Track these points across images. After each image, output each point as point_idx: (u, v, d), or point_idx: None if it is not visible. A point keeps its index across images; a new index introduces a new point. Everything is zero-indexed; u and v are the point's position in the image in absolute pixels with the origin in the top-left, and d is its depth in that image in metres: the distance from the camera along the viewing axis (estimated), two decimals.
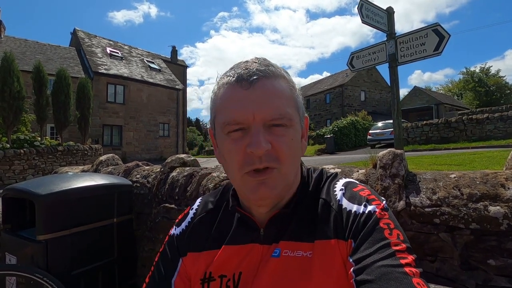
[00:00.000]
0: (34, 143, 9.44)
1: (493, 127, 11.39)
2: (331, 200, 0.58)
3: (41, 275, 1.43)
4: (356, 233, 0.51)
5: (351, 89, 27.97)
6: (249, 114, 0.52)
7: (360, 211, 0.53)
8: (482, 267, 1.02)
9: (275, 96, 0.53)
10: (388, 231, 0.49)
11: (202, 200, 0.73)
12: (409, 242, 0.49)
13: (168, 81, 20.89)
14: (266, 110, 0.52)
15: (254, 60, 0.57)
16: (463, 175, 1.18)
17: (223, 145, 0.56)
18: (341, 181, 0.62)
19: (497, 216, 1.01)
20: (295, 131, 0.55)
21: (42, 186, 1.70)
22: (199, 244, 0.64)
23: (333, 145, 14.48)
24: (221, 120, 0.55)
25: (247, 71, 0.53)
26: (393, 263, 0.45)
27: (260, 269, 0.56)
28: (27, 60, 15.20)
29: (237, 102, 0.53)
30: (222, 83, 0.56)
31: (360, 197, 0.56)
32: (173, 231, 0.70)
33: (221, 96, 0.55)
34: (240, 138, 0.53)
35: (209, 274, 0.60)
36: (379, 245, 0.48)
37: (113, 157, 2.97)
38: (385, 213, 0.53)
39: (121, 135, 17.94)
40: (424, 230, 1.12)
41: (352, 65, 3.91)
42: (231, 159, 0.54)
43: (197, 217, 0.68)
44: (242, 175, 0.54)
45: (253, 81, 0.52)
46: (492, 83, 35.57)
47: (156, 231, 2.00)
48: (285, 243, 0.56)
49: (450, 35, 3.05)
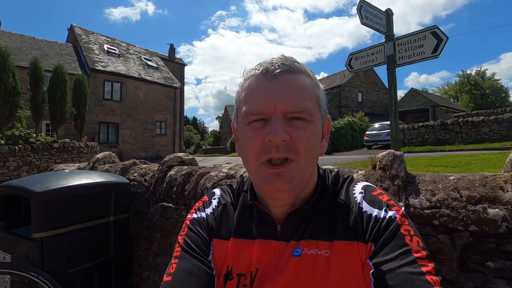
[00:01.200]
0: (29, 140, 9.35)
1: (488, 130, 11.50)
2: (350, 202, 0.59)
3: (36, 274, 1.41)
4: (376, 237, 0.52)
5: (348, 90, 28.08)
6: (271, 104, 0.53)
7: (381, 216, 0.54)
8: (481, 269, 1.02)
9: (297, 89, 0.54)
10: (409, 238, 0.50)
11: (222, 192, 0.72)
12: (427, 249, 0.50)
13: (165, 79, 20.79)
14: (287, 102, 0.53)
15: (280, 56, 0.59)
16: (462, 177, 1.18)
17: (243, 135, 0.57)
18: (359, 184, 0.63)
19: (496, 219, 1.01)
20: (315, 127, 0.56)
21: (38, 183, 1.68)
22: (223, 233, 0.64)
23: (330, 146, 14.52)
24: (243, 110, 0.56)
25: (271, 64, 0.55)
26: (415, 270, 0.45)
27: (279, 268, 0.56)
28: (23, 56, 15.04)
29: (260, 93, 0.54)
30: (248, 76, 0.58)
31: (380, 201, 0.56)
32: (198, 215, 0.68)
33: (246, 88, 0.57)
34: (260, 127, 0.54)
35: (230, 269, 0.59)
36: (400, 251, 0.48)
37: (110, 155, 2.94)
38: (405, 220, 0.53)
39: (118, 133, 17.84)
40: (423, 232, 1.12)
41: (351, 66, 3.93)
42: (249, 148, 0.55)
43: (220, 206, 0.68)
44: (258, 165, 0.54)
45: (277, 74, 0.54)
46: (488, 86, 35.98)
47: (153, 230, 1.99)
48: (305, 242, 0.56)
49: (448, 37, 3.07)
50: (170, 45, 25.88)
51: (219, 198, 0.70)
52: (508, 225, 1.00)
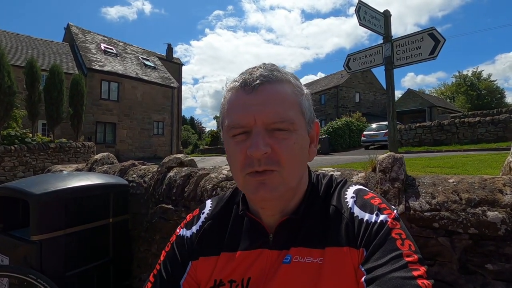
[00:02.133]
0: (25, 140, 9.27)
1: (484, 131, 11.59)
2: (342, 207, 0.58)
3: (35, 276, 1.40)
4: (368, 242, 0.51)
5: (346, 91, 28.18)
6: (251, 117, 0.53)
7: (372, 220, 0.53)
8: (480, 272, 1.03)
9: (277, 100, 0.54)
10: (400, 242, 0.50)
11: (213, 204, 0.72)
12: (420, 252, 0.49)
13: (163, 79, 20.73)
14: (266, 114, 0.53)
15: (260, 65, 0.58)
16: (462, 180, 1.19)
17: (228, 147, 0.58)
18: (351, 188, 0.62)
19: (495, 221, 1.02)
20: (298, 135, 0.55)
21: (36, 185, 1.67)
22: (211, 249, 0.64)
23: (327, 146, 14.56)
24: (226, 123, 0.57)
25: (250, 76, 0.55)
26: (406, 275, 0.45)
27: (270, 275, 0.56)
28: (19, 55, 14.92)
29: (240, 106, 0.55)
30: (229, 88, 0.59)
31: (372, 205, 0.56)
32: (183, 232, 0.69)
33: (228, 101, 0.58)
34: (243, 140, 0.55)
35: (219, 281, 0.60)
36: (391, 256, 0.48)
37: (108, 156, 2.93)
38: (397, 223, 0.53)
39: (115, 133, 17.75)
40: (423, 234, 1.13)
41: (349, 67, 3.94)
42: (234, 160, 0.56)
43: (208, 221, 0.68)
44: (244, 176, 0.55)
45: (255, 86, 0.54)
46: (484, 87, 36.28)
47: (153, 231, 1.98)
48: (296, 250, 0.56)
49: (446, 39, 3.09)
50: (167, 45, 25.84)
51: (210, 211, 0.70)
52: (507, 228, 1.01)
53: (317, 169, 1.57)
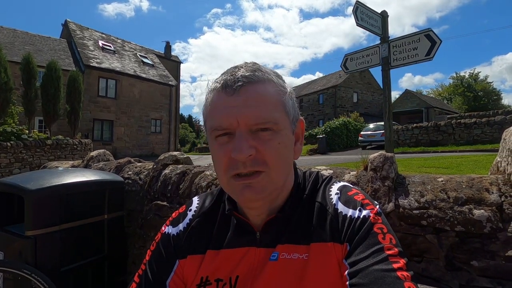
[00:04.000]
0: (22, 136, 9.20)
1: (480, 132, 11.69)
2: (327, 204, 0.59)
3: (29, 271, 1.41)
4: (351, 237, 0.53)
5: (344, 90, 28.23)
6: (233, 119, 0.52)
7: (356, 216, 0.55)
8: (466, 268, 1.06)
9: (259, 100, 0.54)
10: (381, 236, 0.51)
11: (200, 201, 0.72)
12: (400, 245, 0.52)
13: (161, 76, 20.66)
14: (249, 115, 0.52)
15: (242, 65, 0.58)
16: (450, 179, 1.22)
17: (212, 148, 0.58)
18: (336, 185, 0.64)
19: (481, 219, 1.05)
20: (282, 135, 0.56)
21: (31, 181, 1.67)
22: (198, 247, 0.63)
23: (325, 146, 14.60)
24: (209, 125, 0.57)
25: (232, 77, 0.54)
26: (386, 267, 0.47)
27: (257, 273, 0.57)
28: (16, 51, 14.80)
29: (222, 108, 0.54)
30: (211, 89, 0.57)
31: (355, 201, 0.57)
32: (169, 230, 0.68)
33: (210, 102, 0.57)
34: (226, 142, 0.54)
35: (205, 278, 0.60)
36: (373, 249, 0.50)
37: (104, 153, 2.93)
38: (379, 218, 0.55)
39: (112, 130, 17.67)
40: (412, 232, 1.15)
41: (346, 67, 3.96)
42: (218, 162, 0.56)
43: (196, 219, 0.67)
44: (228, 179, 0.55)
45: (237, 88, 0.53)
46: (480, 88, 36.49)
47: (148, 228, 2.00)
48: (282, 247, 0.57)
49: (442, 40, 3.12)
50: (166, 42, 25.66)
51: (197, 208, 0.70)
52: (492, 226, 1.04)
53: (309, 168, 1.59)
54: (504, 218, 1.04)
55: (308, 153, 14.65)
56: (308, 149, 15.35)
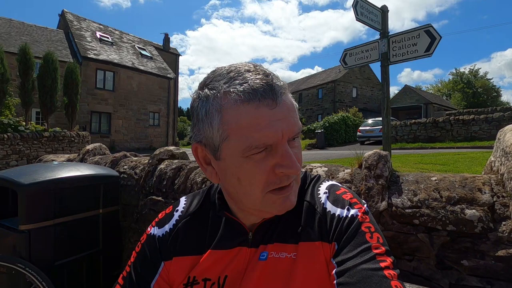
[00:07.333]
0: (19, 128, 9.16)
1: (478, 129, 11.71)
2: (315, 203, 0.60)
3: (23, 265, 1.42)
4: (339, 236, 0.53)
5: (343, 85, 28.14)
6: (279, 134, 0.48)
7: (344, 215, 0.55)
8: (456, 267, 1.07)
9: (291, 110, 0.52)
10: (369, 235, 0.52)
11: (187, 201, 0.70)
12: (387, 244, 0.52)
13: (159, 69, 20.49)
14: (292, 128, 0.50)
15: (263, 71, 0.51)
16: (444, 178, 1.22)
17: (238, 167, 0.51)
18: (324, 184, 0.64)
19: (473, 219, 1.05)
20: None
21: (25, 175, 1.67)
22: (185, 249, 0.62)
23: (323, 140, 14.61)
24: (240, 145, 0.49)
25: (268, 87, 0.48)
26: (373, 266, 0.47)
27: (247, 272, 0.57)
28: (12, 41, 14.61)
29: (266, 124, 0.48)
30: (234, 100, 0.48)
31: (343, 200, 0.58)
32: (154, 231, 0.66)
33: (240, 118, 0.48)
34: (263, 158, 0.50)
35: (192, 278, 0.59)
36: (360, 249, 0.50)
37: (100, 147, 2.92)
38: (366, 217, 0.55)
39: (110, 123, 17.59)
40: (404, 231, 1.16)
41: (345, 62, 3.94)
42: (251, 180, 0.51)
43: (183, 220, 0.66)
44: (264, 194, 0.52)
45: (278, 100, 0.49)
46: (480, 85, 36.45)
47: (143, 223, 2.00)
48: (272, 246, 0.57)
49: (441, 36, 3.10)
50: (164, 35, 25.35)
51: (183, 209, 0.68)
52: (483, 226, 1.04)
53: (305, 164, 1.59)
54: (496, 218, 1.04)
55: (306, 148, 14.67)
56: (306, 144, 15.36)
